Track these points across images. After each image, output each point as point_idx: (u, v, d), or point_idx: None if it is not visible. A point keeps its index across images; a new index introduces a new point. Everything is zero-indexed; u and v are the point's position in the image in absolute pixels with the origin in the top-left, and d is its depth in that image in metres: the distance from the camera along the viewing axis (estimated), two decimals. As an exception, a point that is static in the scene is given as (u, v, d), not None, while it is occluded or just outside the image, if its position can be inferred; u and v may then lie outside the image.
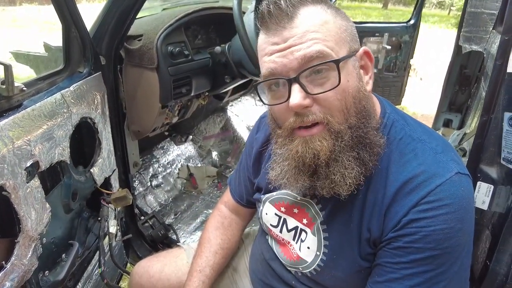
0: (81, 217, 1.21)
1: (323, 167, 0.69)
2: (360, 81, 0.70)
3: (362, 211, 0.73)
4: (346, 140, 0.68)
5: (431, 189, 0.65)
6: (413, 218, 0.66)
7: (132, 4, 1.23)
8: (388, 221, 0.69)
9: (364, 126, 0.68)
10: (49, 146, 0.94)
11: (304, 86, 0.66)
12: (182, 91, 1.48)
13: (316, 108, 0.67)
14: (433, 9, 16.51)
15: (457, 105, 2.82)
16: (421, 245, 0.65)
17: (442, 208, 0.64)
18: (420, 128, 0.75)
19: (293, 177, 0.73)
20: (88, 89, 1.14)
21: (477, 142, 0.82)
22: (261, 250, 0.99)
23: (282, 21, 0.65)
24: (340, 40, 0.67)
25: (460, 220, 0.65)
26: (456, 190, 0.66)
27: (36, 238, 0.90)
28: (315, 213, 0.80)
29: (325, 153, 0.67)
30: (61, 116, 1.00)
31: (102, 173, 1.26)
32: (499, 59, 0.76)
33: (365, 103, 0.69)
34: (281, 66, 0.66)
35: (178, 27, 1.44)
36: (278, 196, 0.88)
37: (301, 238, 0.84)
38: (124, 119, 1.47)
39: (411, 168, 0.69)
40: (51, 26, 8.77)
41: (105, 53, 1.27)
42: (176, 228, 1.83)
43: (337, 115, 0.67)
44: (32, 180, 0.87)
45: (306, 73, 0.65)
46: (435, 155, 0.69)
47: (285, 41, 0.65)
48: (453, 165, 0.68)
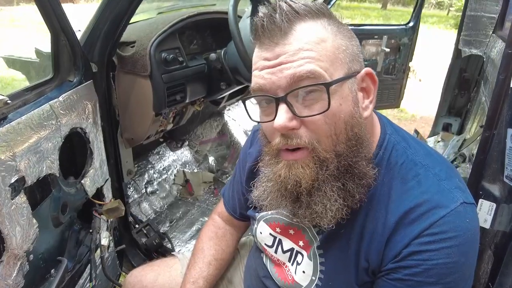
0: (71, 230, 1.18)
1: (305, 195, 0.65)
2: (356, 106, 0.64)
3: (360, 239, 0.69)
4: (331, 170, 0.63)
5: (435, 220, 0.62)
6: (414, 250, 0.62)
7: (125, 10, 1.20)
8: (388, 251, 0.66)
9: (353, 155, 0.64)
10: (36, 160, 0.91)
11: (292, 106, 0.61)
12: (177, 98, 1.45)
13: (303, 131, 0.62)
14: (432, 9, 16.50)
15: (456, 109, 2.79)
16: (422, 278, 0.62)
17: (446, 241, 0.61)
18: (423, 151, 0.71)
19: (275, 200, 0.69)
20: (78, 99, 1.11)
21: (479, 158, 0.79)
22: (255, 266, 0.96)
23: (275, 37, 0.61)
24: (336, 60, 0.62)
25: (465, 254, 0.62)
26: (461, 222, 0.62)
27: (22, 256, 0.86)
28: (312, 236, 0.77)
29: (307, 182, 0.63)
30: (50, 128, 0.96)
31: (94, 183, 1.23)
32: (502, 73, 0.73)
33: (358, 130, 0.64)
34: (269, 83, 0.61)
35: (172, 33, 1.41)
36: (273, 216, 0.84)
37: (297, 261, 0.80)
38: (117, 127, 1.44)
39: (413, 197, 0.65)
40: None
41: (97, 60, 1.24)
42: (171, 237, 1.80)
43: (325, 141, 0.63)
44: (17, 196, 0.84)
45: (294, 93, 0.61)
46: (439, 182, 0.65)
47: (276, 58, 0.61)
48: (458, 194, 0.64)
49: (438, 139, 2.57)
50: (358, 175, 0.64)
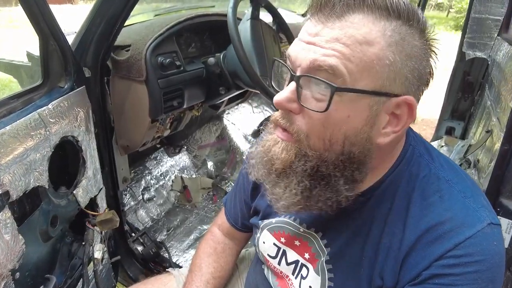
0: (63, 243, 1.12)
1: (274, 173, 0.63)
2: (369, 127, 0.57)
3: (375, 255, 0.64)
4: (307, 167, 0.59)
5: (460, 241, 0.56)
6: (436, 273, 0.57)
7: (119, 12, 1.14)
8: (406, 271, 0.60)
9: (337, 169, 0.59)
10: (23, 172, 0.85)
11: (301, 90, 0.57)
12: (174, 104, 1.39)
13: (299, 118, 0.58)
14: (432, 10, 16.48)
15: (459, 113, 2.74)
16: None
17: (471, 265, 0.56)
18: (447, 165, 0.65)
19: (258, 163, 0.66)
20: (70, 106, 1.05)
21: (497, 173, 0.74)
22: (256, 282, 0.91)
23: (324, 14, 0.55)
24: (370, 70, 0.54)
25: (492, 280, 0.57)
26: (489, 244, 0.57)
27: (6, 275, 0.81)
28: (319, 248, 0.72)
29: (278, 164, 0.61)
30: (38, 138, 0.91)
31: (87, 193, 1.18)
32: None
33: (358, 151, 0.58)
34: (294, 57, 0.58)
35: (169, 36, 1.36)
36: (278, 225, 0.79)
37: (302, 274, 0.75)
38: (112, 133, 1.38)
39: (435, 213, 0.59)
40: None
41: (90, 64, 1.19)
42: (169, 246, 1.74)
43: (315, 140, 0.58)
44: (0, 212, 0.78)
45: (307, 79, 0.56)
46: (464, 200, 0.60)
47: (314, 36, 0.55)
48: (484, 214, 0.59)
49: (441, 144, 2.52)
50: (331, 189, 0.60)
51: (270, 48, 1.48)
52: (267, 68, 1.40)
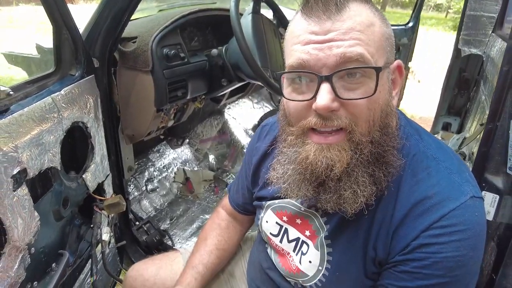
0: (72, 224, 1.17)
1: (334, 180, 0.63)
2: (390, 95, 0.64)
3: (369, 229, 0.69)
4: (365, 154, 0.62)
5: (445, 213, 0.62)
6: (423, 243, 0.62)
7: (126, 5, 1.20)
8: (396, 243, 0.66)
9: (385, 143, 0.63)
10: (38, 152, 0.90)
11: (335, 87, 0.59)
12: (178, 94, 1.44)
13: (342, 112, 0.60)
14: (430, 11, 16.55)
15: (456, 109, 2.80)
16: (430, 271, 0.62)
17: (455, 234, 0.61)
18: (435, 144, 0.70)
19: (295, 183, 0.67)
20: (80, 93, 1.11)
21: (482, 150, 0.79)
22: (259, 259, 0.96)
23: (328, 10, 0.58)
24: (381, 48, 0.61)
25: (473, 248, 0.62)
26: (471, 215, 0.62)
27: (23, 249, 0.86)
28: (319, 226, 0.77)
29: (342, 165, 0.61)
30: (52, 121, 0.96)
31: (95, 178, 1.23)
32: (506, 65, 0.73)
33: (390, 119, 0.65)
34: (314, 60, 0.59)
35: (173, 29, 1.41)
36: (281, 205, 0.84)
37: (302, 251, 0.80)
38: (118, 123, 1.43)
39: (423, 189, 0.65)
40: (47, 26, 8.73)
41: (98, 55, 1.24)
42: (172, 234, 1.79)
43: (363, 125, 0.61)
44: (19, 188, 0.83)
45: (339, 74, 0.59)
46: (450, 176, 0.65)
47: (326, 33, 0.58)
48: (468, 188, 0.64)
49: (438, 138, 2.57)
50: (387, 164, 0.64)
51: (270, 42, 1.53)
52: (267, 60, 1.46)
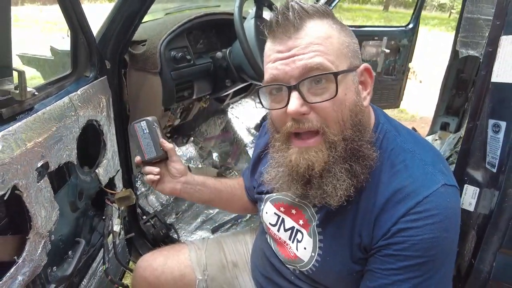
0: (86, 216, 1.26)
1: (317, 177, 0.72)
2: (358, 95, 0.73)
3: (354, 217, 0.77)
4: (340, 151, 0.71)
5: (419, 200, 0.69)
6: (402, 228, 0.70)
7: (137, 11, 1.28)
8: (378, 229, 0.73)
9: (358, 139, 0.72)
10: (58, 148, 0.98)
11: (303, 94, 0.69)
12: (184, 94, 1.52)
13: (313, 116, 0.70)
14: (434, 11, 16.54)
15: (454, 109, 2.86)
16: (409, 253, 0.69)
17: (429, 218, 0.68)
18: (412, 139, 0.78)
19: (286, 183, 0.77)
20: (94, 93, 1.19)
21: (464, 147, 0.86)
22: (261, 247, 1.04)
23: (288, 31, 0.69)
24: (341, 55, 0.71)
25: (446, 230, 0.69)
26: (442, 201, 0.69)
27: (45, 235, 0.94)
28: (311, 215, 0.85)
29: (320, 164, 0.70)
30: (69, 119, 1.04)
31: (107, 173, 1.31)
32: (484, 69, 0.80)
33: (361, 117, 0.73)
34: (282, 73, 0.70)
35: (180, 32, 1.49)
36: (278, 197, 0.93)
37: (297, 239, 0.88)
38: (127, 121, 1.51)
39: (400, 179, 0.72)
40: (52, 26, 8.81)
41: (110, 57, 1.32)
42: (177, 228, 1.87)
43: (333, 126, 0.70)
44: (42, 180, 0.91)
45: (305, 82, 0.68)
46: (424, 167, 0.73)
47: (289, 50, 0.69)
48: (440, 177, 0.72)
49: (435, 138, 2.64)
50: (363, 157, 0.72)
51: (272, 44, 1.61)
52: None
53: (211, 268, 1.14)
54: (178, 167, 1.05)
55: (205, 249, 1.18)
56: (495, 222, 0.79)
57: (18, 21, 9.32)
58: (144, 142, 1.05)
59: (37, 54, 1.68)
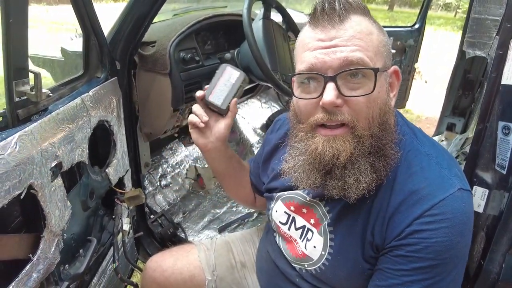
0: (97, 215, 1.28)
1: (340, 168, 0.72)
2: (388, 95, 0.74)
3: (368, 217, 0.77)
4: (366, 146, 0.71)
5: (435, 203, 0.69)
6: (416, 229, 0.70)
7: (146, 13, 1.30)
8: (391, 229, 0.73)
9: (383, 137, 0.72)
10: (71, 148, 1.00)
11: (339, 86, 0.69)
12: (193, 95, 1.53)
13: (345, 109, 0.70)
14: (439, 11, 16.45)
15: (460, 109, 2.85)
16: (422, 255, 0.70)
17: (444, 221, 0.69)
18: (428, 143, 0.79)
19: (305, 172, 0.76)
20: (105, 94, 1.20)
21: (474, 148, 0.87)
22: (266, 249, 1.04)
23: (333, 21, 0.69)
24: (378, 53, 0.72)
25: (460, 234, 0.70)
26: (458, 205, 0.70)
27: (58, 234, 0.96)
28: (322, 214, 0.85)
29: (346, 154, 0.70)
30: (81, 120, 1.06)
31: (117, 173, 1.33)
32: (494, 71, 0.81)
33: (388, 117, 0.73)
34: (321, 63, 0.69)
35: (189, 34, 1.50)
36: (289, 196, 0.93)
37: (307, 237, 0.89)
38: (137, 121, 1.53)
39: (416, 181, 0.73)
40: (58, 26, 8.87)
41: (120, 58, 1.34)
42: (185, 227, 1.89)
43: (363, 121, 0.71)
44: (55, 180, 0.93)
45: (342, 75, 0.68)
46: (440, 170, 0.73)
47: (331, 40, 0.69)
48: (456, 181, 0.72)
49: (442, 138, 2.63)
50: (386, 156, 0.72)
51: (280, 45, 1.61)
52: (277, 63, 1.54)
53: (220, 268, 1.15)
54: (223, 131, 1.03)
55: (214, 250, 1.18)
56: (504, 223, 0.79)
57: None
58: (221, 87, 1.02)
59: (48, 55, 1.70)
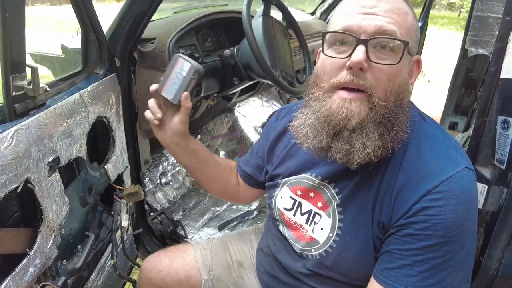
0: (95, 211, 1.28)
1: (349, 130, 0.73)
2: (409, 77, 0.76)
3: (377, 194, 0.78)
4: (379, 116, 0.73)
5: (442, 180, 0.70)
6: (424, 206, 0.70)
7: (146, 9, 1.29)
8: (399, 206, 0.74)
9: (397, 113, 0.74)
10: (68, 143, 1.00)
11: (368, 51, 0.71)
12: (192, 92, 1.53)
13: (369, 75, 0.71)
14: (443, 11, 16.38)
15: (462, 108, 2.83)
16: (431, 232, 0.70)
17: (452, 198, 0.69)
18: (435, 125, 0.82)
19: (313, 131, 0.77)
20: (104, 90, 1.20)
21: (473, 144, 0.86)
22: (267, 244, 1.04)
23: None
24: (410, 34, 0.74)
25: (467, 211, 0.70)
26: (465, 183, 0.71)
27: (56, 229, 0.96)
28: (331, 196, 0.85)
29: (359, 118, 0.71)
30: (80, 115, 1.06)
31: (116, 169, 1.33)
32: (493, 65, 0.80)
33: (404, 97, 0.75)
34: (357, 26, 0.72)
35: (189, 31, 1.50)
36: (296, 180, 0.92)
37: (315, 221, 0.88)
38: (136, 118, 1.53)
39: (425, 159, 0.74)
40: (61, 26, 8.91)
41: (119, 55, 1.34)
42: (184, 225, 1.89)
43: (381, 92, 0.72)
44: (53, 174, 0.93)
45: (373, 42, 0.71)
46: (447, 150, 0.75)
47: (370, 8, 0.72)
48: (462, 160, 0.74)
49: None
50: (395, 131, 0.74)
51: (280, 42, 1.61)
52: (277, 60, 1.54)
53: (217, 268, 1.15)
54: (178, 126, 1.03)
55: (210, 249, 1.18)
56: (503, 219, 0.78)
57: (28, 21, 9.44)
58: (173, 80, 0.99)
59: (48, 52, 1.70)
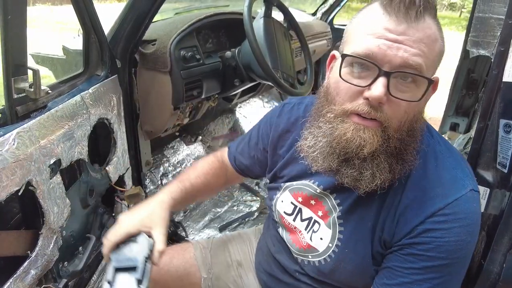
0: (96, 213, 1.28)
1: (360, 159, 0.71)
2: (425, 105, 0.73)
3: (379, 211, 0.77)
4: (391, 147, 0.70)
5: (448, 202, 0.69)
6: (429, 228, 0.70)
7: (147, 11, 1.30)
8: (402, 225, 0.73)
9: (408, 143, 0.71)
10: (70, 145, 1.00)
11: (390, 84, 0.66)
12: (194, 93, 1.53)
13: (386, 107, 0.67)
14: (444, 11, 16.35)
15: (464, 109, 2.82)
16: (434, 254, 0.69)
17: (456, 221, 0.69)
18: (442, 142, 0.79)
19: (323, 154, 0.74)
20: (105, 91, 1.21)
21: (475, 147, 0.86)
22: (267, 244, 1.04)
23: (408, 16, 0.64)
24: (435, 63, 0.68)
25: (470, 234, 0.70)
26: (470, 206, 0.70)
27: (57, 231, 0.96)
28: (331, 206, 0.84)
29: (372, 147, 0.68)
30: (81, 117, 1.06)
31: (117, 171, 1.33)
32: (495, 68, 0.80)
33: (418, 125, 0.72)
34: (382, 55, 0.64)
35: (190, 32, 1.50)
36: (298, 186, 0.90)
37: (313, 229, 0.87)
38: (137, 119, 1.53)
39: (430, 179, 0.73)
40: (62, 26, 8.92)
41: (120, 56, 1.34)
42: (185, 226, 1.88)
43: (396, 123, 0.69)
44: (54, 177, 0.93)
45: (396, 74, 0.65)
46: (454, 170, 0.73)
47: (398, 34, 0.64)
48: (468, 182, 0.72)
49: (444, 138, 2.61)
50: (405, 161, 0.72)
51: (281, 44, 1.61)
52: (278, 62, 1.54)
53: (216, 267, 1.14)
54: None
55: (210, 248, 1.18)
56: (505, 222, 0.78)
57: (29, 21, 9.42)
58: None
59: (49, 54, 1.70)
